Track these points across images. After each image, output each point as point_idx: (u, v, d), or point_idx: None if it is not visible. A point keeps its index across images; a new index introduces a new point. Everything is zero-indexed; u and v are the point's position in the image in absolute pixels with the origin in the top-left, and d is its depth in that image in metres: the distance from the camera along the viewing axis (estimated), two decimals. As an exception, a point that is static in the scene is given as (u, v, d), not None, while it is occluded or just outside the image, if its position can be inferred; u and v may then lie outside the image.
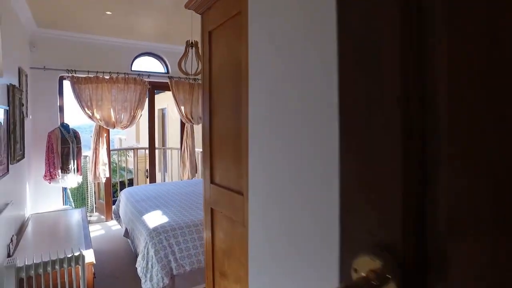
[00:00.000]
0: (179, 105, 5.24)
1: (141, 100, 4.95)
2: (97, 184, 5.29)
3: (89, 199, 5.29)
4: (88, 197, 5.29)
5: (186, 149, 5.41)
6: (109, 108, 4.74)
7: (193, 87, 5.32)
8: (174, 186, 4.29)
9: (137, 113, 4.93)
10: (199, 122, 5.45)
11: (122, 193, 4.17)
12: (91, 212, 5.25)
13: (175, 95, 5.20)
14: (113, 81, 4.72)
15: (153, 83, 5.20)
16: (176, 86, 5.19)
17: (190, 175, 5.37)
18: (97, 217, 5.18)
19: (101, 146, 4.77)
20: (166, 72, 5.38)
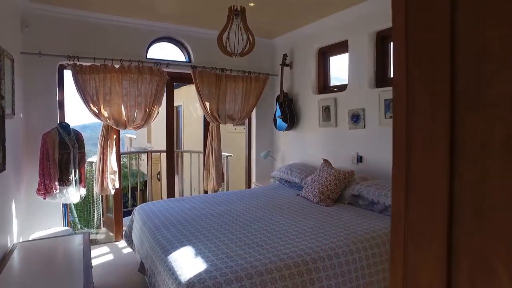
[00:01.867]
0: (203, 101, 4.28)
1: (158, 95, 4.00)
2: (105, 195, 4.38)
3: (95, 213, 4.37)
4: (94, 210, 4.37)
5: (211, 153, 4.45)
6: (120, 104, 3.80)
7: (220, 79, 4.35)
8: (202, 203, 3.33)
9: (153, 111, 3.99)
10: (226, 122, 4.49)
11: (136, 212, 3.23)
12: (97, 229, 4.33)
13: (199, 89, 4.25)
14: (125, 70, 3.78)
15: (172, 74, 4.24)
16: (200, 77, 4.24)
17: (215, 184, 4.42)
18: (105, 234, 4.26)
19: (110, 151, 3.83)
20: (188, 61, 4.43)
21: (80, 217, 4.23)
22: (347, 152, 3.75)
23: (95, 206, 4.37)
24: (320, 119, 4.07)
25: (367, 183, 3.12)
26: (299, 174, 3.89)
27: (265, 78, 4.64)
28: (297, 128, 4.50)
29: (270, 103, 4.95)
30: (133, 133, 14.65)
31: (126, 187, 7.66)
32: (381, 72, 3.49)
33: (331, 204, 3.21)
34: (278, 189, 3.93)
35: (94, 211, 4.35)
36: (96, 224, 4.33)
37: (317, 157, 4.16)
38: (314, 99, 4.19)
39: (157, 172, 10.20)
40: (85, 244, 2.59)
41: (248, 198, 3.52)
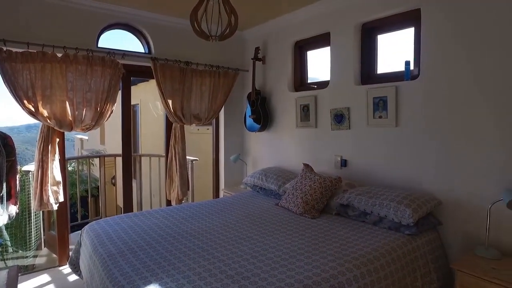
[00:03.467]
0: (165, 98, 3.68)
1: (112, 90, 3.34)
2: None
3: (33, 232, 3.59)
4: (32, 229, 3.59)
5: (174, 158, 3.86)
6: (64, 100, 3.10)
7: (184, 73, 3.77)
8: (167, 219, 2.75)
9: (106, 109, 3.32)
10: (192, 122, 3.92)
11: (85, 233, 2.57)
12: (36, 250, 3.55)
13: (161, 84, 3.63)
14: (70, 60, 3.08)
15: (129, 66, 3.60)
16: (162, 71, 3.63)
17: (180, 193, 3.83)
18: (46, 257, 3.51)
19: (51, 157, 3.12)
20: (147, 52, 3.79)
21: (13, 238, 3.44)
22: (329, 155, 3.35)
23: (33, 224, 3.59)
24: (298, 119, 3.65)
25: (356, 190, 2.74)
26: (275, 181, 3.43)
27: (234, 73, 4.13)
28: (271, 129, 4.05)
29: (239, 101, 4.46)
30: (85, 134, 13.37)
31: (74, 196, 6.75)
32: (367, 68, 3.14)
33: (317, 215, 2.78)
34: (253, 198, 3.45)
35: (31, 229, 3.57)
36: (35, 246, 3.55)
37: (295, 161, 3.73)
38: (290, 97, 3.76)
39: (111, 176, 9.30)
40: (10, 282, 1.92)
41: (221, 211, 2.99)
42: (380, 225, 2.49)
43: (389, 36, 3.06)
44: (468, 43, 2.33)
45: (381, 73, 3.06)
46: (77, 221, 4.56)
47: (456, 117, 2.42)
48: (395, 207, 2.38)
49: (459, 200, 2.44)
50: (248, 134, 4.40)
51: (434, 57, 2.54)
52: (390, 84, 2.82)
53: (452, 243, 2.51)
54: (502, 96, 2.18)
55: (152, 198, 4.85)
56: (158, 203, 4.85)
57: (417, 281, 2.23)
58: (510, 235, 2.21)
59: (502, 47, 2.17)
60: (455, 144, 2.44)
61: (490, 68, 2.23)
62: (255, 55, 4.01)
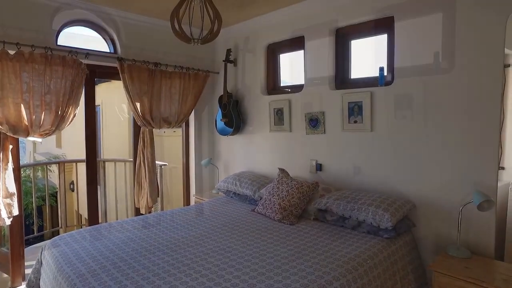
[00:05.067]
0: (133, 101, 3.43)
1: (74, 92, 3.05)
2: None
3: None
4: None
5: (143, 163, 3.61)
6: (18, 103, 2.77)
7: (153, 75, 3.55)
8: (138, 230, 2.53)
9: (68, 113, 3.02)
10: (161, 126, 3.70)
11: (47, 251, 2.30)
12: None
13: (128, 86, 3.38)
14: (25, 59, 2.76)
15: (93, 67, 3.31)
16: (129, 72, 3.38)
17: (149, 200, 3.60)
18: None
19: (4, 166, 2.78)
20: (113, 51, 3.52)
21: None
22: (304, 159, 3.31)
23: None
24: (272, 123, 3.57)
25: (334, 195, 2.71)
26: (250, 186, 3.33)
27: (205, 75, 3.96)
28: (243, 133, 3.94)
29: (210, 104, 4.30)
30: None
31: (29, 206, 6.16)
32: (341, 72, 3.13)
33: (296, 221, 2.71)
34: (227, 204, 3.31)
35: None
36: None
37: (268, 165, 3.65)
38: (263, 100, 3.68)
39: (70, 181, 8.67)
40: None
41: (197, 219, 2.83)
42: (359, 230, 2.48)
43: (363, 42, 3.07)
44: (437, 51, 2.38)
45: (356, 78, 3.07)
46: (33, 234, 4.14)
47: (428, 122, 2.47)
48: (373, 211, 2.37)
49: (432, 202, 2.49)
50: (219, 137, 4.25)
51: (406, 63, 2.57)
52: (365, 90, 2.82)
53: (424, 243, 2.56)
54: (472, 101, 2.25)
55: (118, 205, 4.54)
56: (124, 211, 4.56)
57: (397, 283, 2.24)
58: (478, 235, 2.29)
59: (473, 51, 2.23)
60: (427, 148, 2.49)
61: (460, 74, 2.29)
62: (227, 57, 3.88)
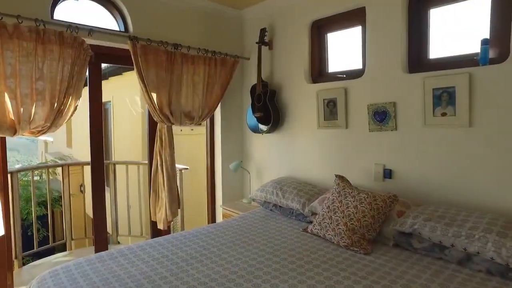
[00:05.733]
0: (148, 91, 2.73)
1: (75, 79, 2.37)
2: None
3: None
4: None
5: (160, 168, 2.92)
6: (1, 91, 2.10)
7: (173, 58, 2.84)
8: (161, 262, 1.82)
9: (67, 105, 2.34)
10: (182, 122, 3.00)
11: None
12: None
13: (143, 73, 2.68)
14: (9, 34, 2.08)
15: (99, 49, 2.63)
16: (144, 55, 2.68)
17: (169, 214, 2.89)
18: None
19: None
20: (124, 30, 2.83)
21: None
22: (365, 163, 2.56)
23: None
24: (321, 118, 2.83)
25: (420, 213, 1.96)
26: (296, 197, 2.60)
27: (234, 61, 3.24)
28: (282, 130, 3.20)
29: (238, 96, 3.57)
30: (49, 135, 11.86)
31: (29, 215, 5.48)
32: (416, 51, 2.37)
33: (370, 249, 1.97)
34: (268, 221, 2.58)
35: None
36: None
37: (315, 170, 2.91)
38: (309, 90, 2.94)
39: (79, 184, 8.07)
40: None
41: (235, 244, 2.09)
42: (470, 266, 1.72)
43: (448, 9, 2.31)
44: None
45: (440, 58, 2.30)
46: (33, 249, 3.49)
47: None
48: (496, 242, 1.61)
49: None
50: (251, 136, 3.52)
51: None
52: (459, 71, 2.06)
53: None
54: None
55: (130, 214, 3.87)
56: (137, 223, 3.87)
57: None
58: None
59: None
60: None
61: None
62: (261, 39, 3.15)
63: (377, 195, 2.12)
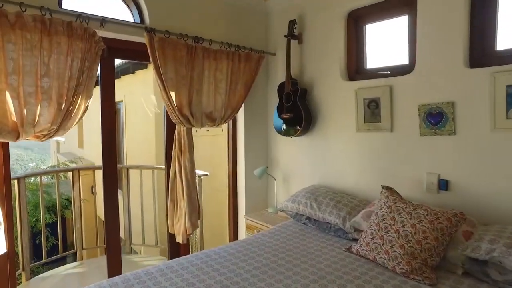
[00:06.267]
0: (167, 90, 2.42)
1: (85, 75, 2.07)
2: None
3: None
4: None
5: (179, 174, 2.60)
6: (2, 89, 1.80)
7: (194, 53, 2.52)
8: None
9: (76, 105, 2.04)
10: (204, 124, 2.68)
11: None
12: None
13: (160, 68, 2.37)
14: (10, 23, 1.79)
15: (112, 42, 2.33)
16: (161, 49, 2.36)
17: (188, 226, 2.58)
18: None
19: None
20: (139, 21, 2.52)
21: None
22: (415, 172, 2.21)
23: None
24: (360, 119, 2.48)
25: (496, 235, 1.61)
26: (335, 209, 2.26)
27: (259, 57, 2.91)
28: (313, 133, 2.85)
29: (262, 95, 3.24)
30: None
31: (37, 222, 5.19)
32: (480, 42, 2.01)
33: (435, 278, 1.63)
34: (303, 237, 2.24)
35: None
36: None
37: (352, 178, 2.57)
38: (345, 88, 2.59)
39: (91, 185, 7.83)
40: None
41: (270, 268, 1.76)
42: None
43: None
44: None
45: (508, 49, 1.94)
46: (41, 259, 3.22)
47: None
48: None
49: None
50: (276, 140, 3.18)
51: None
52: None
53: None
54: None
55: (144, 222, 3.57)
56: (152, 233, 3.57)
57: None
58: None
59: None
60: None
61: None
62: (290, 31, 2.81)
63: (438, 212, 1.77)
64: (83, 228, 3.44)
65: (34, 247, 6.09)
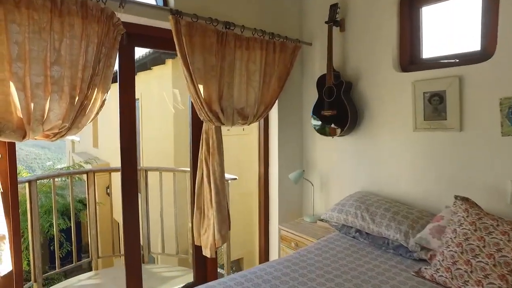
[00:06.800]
0: (194, 82, 2.08)
1: (102, 63, 1.74)
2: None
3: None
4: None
5: (207, 179, 2.26)
6: (4, 79, 1.48)
7: (224, 40, 2.17)
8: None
9: (91, 98, 1.72)
10: (235, 122, 2.33)
11: None
12: None
13: (188, 57, 2.03)
14: (15, 1, 1.47)
15: (132, 27, 2.00)
16: (188, 35, 2.02)
17: (217, 239, 2.24)
18: None
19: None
20: (163, 4, 2.19)
21: None
22: (493, 179, 1.81)
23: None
24: (419, 117, 2.09)
25: None
26: (393, 222, 1.88)
27: (295, 46, 2.55)
28: (358, 132, 2.46)
29: (297, 90, 2.87)
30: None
31: (51, 229, 4.91)
32: None
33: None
34: (358, 255, 1.86)
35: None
36: None
37: (406, 184, 2.17)
38: (400, 81, 2.20)
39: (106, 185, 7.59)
40: None
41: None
42: None
43: None
44: None
45: None
46: (54, 268, 2.93)
47: None
48: None
49: None
50: (314, 140, 2.80)
51: None
52: None
53: None
54: None
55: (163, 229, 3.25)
56: (173, 242, 3.24)
57: None
58: None
59: None
60: None
61: None
62: (332, 17, 2.44)
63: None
64: (98, 235, 3.14)
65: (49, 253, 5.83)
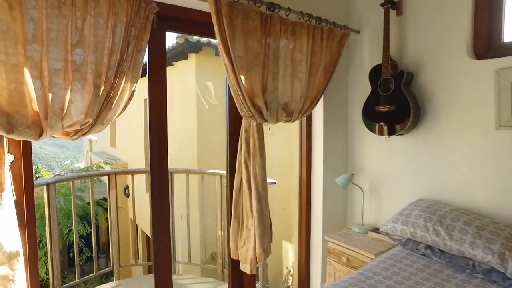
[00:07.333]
0: (235, 71, 1.77)
1: (131, 48, 1.45)
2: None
3: None
4: None
5: (247, 184, 1.94)
6: (16, 64, 1.20)
7: (268, 24, 1.85)
8: None
9: (120, 88, 1.43)
10: (279, 118, 2.00)
11: None
12: None
13: (229, 43, 1.72)
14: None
15: (164, 8, 1.69)
16: (229, 17, 1.71)
17: (259, 251, 1.92)
18: None
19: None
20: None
21: None
22: None
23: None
24: (504, 112, 1.72)
25: None
26: (481, 240, 1.52)
27: (343, 33, 2.20)
28: (420, 130, 2.09)
29: (342, 83, 2.51)
30: (93, 134, 11.44)
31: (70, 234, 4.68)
32: None
33: None
34: (436, 279, 1.51)
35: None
36: None
37: (487, 192, 1.79)
38: (476, 70, 1.84)
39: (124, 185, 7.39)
40: None
41: None
42: None
43: None
44: None
45: None
46: (74, 274, 2.66)
47: None
48: None
49: None
50: (363, 140, 2.43)
51: None
52: None
53: None
54: None
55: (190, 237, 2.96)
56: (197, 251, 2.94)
57: None
58: None
59: None
60: None
61: None
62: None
63: None
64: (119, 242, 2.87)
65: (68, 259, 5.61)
